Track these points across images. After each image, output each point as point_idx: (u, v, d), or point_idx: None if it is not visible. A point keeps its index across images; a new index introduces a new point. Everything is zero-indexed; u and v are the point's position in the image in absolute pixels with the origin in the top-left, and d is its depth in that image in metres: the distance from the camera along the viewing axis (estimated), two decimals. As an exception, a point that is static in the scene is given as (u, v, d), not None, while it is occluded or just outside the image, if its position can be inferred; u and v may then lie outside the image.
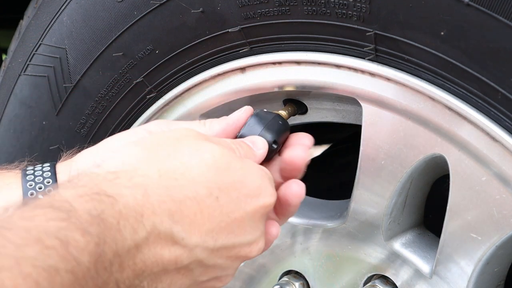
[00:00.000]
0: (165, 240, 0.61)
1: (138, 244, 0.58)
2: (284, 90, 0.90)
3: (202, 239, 0.64)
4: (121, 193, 0.59)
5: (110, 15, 0.97)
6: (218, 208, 0.65)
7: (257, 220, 0.70)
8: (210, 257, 0.66)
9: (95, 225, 0.54)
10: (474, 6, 0.69)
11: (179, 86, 0.97)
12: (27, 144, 1.13)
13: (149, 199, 0.61)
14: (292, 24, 0.83)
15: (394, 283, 0.94)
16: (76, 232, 0.52)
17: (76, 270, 0.51)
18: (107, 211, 0.57)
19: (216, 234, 0.65)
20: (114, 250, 0.55)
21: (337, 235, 0.96)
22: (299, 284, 1.04)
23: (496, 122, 0.73)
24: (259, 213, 0.70)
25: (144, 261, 0.59)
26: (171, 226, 0.61)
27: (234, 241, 0.67)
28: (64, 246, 0.51)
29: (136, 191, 0.60)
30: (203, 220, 0.64)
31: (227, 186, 0.67)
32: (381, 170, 0.85)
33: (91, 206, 0.56)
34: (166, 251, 0.61)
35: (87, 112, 1.06)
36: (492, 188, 0.77)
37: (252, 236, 0.69)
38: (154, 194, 0.61)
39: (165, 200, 0.62)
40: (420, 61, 0.76)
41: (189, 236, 0.63)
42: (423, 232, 0.94)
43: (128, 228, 0.58)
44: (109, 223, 0.56)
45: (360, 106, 0.84)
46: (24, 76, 1.11)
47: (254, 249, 0.70)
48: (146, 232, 0.59)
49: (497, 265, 0.84)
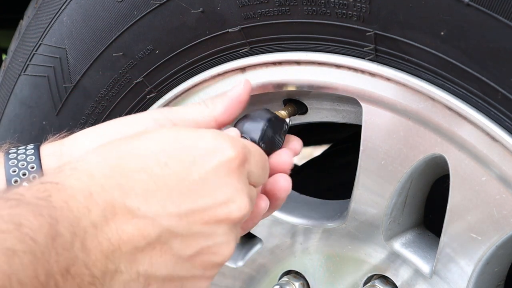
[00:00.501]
0: (122, 214, 0.59)
1: (95, 223, 0.57)
2: (284, 90, 0.90)
3: (161, 206, 0.61)
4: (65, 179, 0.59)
5: (110, 15, 0.97)
6: (171, 174, 0.63)
7: (224, 177, 0.65)
8: (180, 224, 0.62)
9: (44, 208, 0.54)
10: (474, 6, 0.69)
11: (179, 86, 0.97)
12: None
13: (95, 178, 0.60)
14: (292, 24, 0.83)
15: (394, 283, 0.94)
16: (28, 214, 0.53)
17: (34, 250, 0.51)
18: (54, 195, 0.57)
19: (177, 198, 0.62)
20: (71, 231, 0.55)
21: (337, 235, 0.96)
22: (299, 284, 1.04)
23: (496, 122, 0.73)
24: (224, 168, 0.65)
25: (108, 239, 0.58)
26: (123, 199, 0.60)
27: (202, 203, 0.63)
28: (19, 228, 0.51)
29: (80, 175, 0.60)
30: (156, 187, 0.62)
31: (177, 152, 0.64)
32: (381, 170, 0.85)
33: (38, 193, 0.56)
34: (128, 226, 0.59)
35: (87, 112, 1.06)
36: (492, 188, 0.77)
37: (223, 194, 0.64)
38: (99, 173, 0.61)
39: (112, 176, 0.61)
40: (420, 61, 0.76)
41: (145, 205, 0.60)
42: (423, 232, 0.94)
43: (79, 207, 0.57)
44: (58, 205, 0.56)
45: (360, 106, 0.84)
46: (24, 76, 1.11)
47: (233, 208, 0.65)
48: (100, 209, 0.58)
49: (497, 265, 0.84)
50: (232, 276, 1.11)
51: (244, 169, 0.68)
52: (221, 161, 0.65)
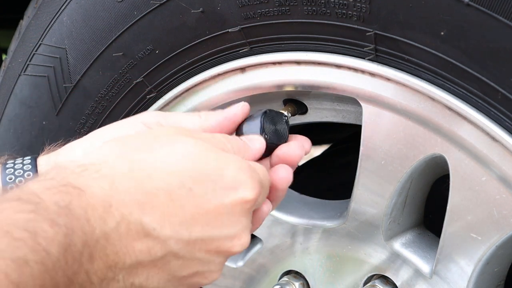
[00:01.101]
0: (135, 231, 0.60)
1: (108, 235, 0.58)
2: (284, 90, 0.90)
3: (175, 231, 0.62)
4: (88, 184, 0.59)
5: (110, 15, 0.97)
6: (191, 199, 0.63)
7: (237, 214, 0.67)
8: (186, 249, 0.64)
9: (63, 216, 0.54)
10: (474, 6, 0.69)
11: (179, 86, 0.97)
12: (27, 144, 1.13)
13: (117, 190, 0.60)
14: (292, 24, 0.83)
15: (394, 283, 0.94)
16: (44, 223, 0.53)
17: (45, 261, 0.51)
18: (75, 202, 0.56)
19: (191, 225, 0.63)
20: (83, 240, 0.55)
21: (337, 235, 0.96)
22: (299, 284, 1.04)
23: (496, 122, 0.73)
24: (238, 207, 0.67)
25: (116, 253, 0.59)
26: (141, 217, 0.60)
27: (211, 234, 0.65)
28: (33, 238, 0.51)
29: (103, 182, 0.60)
30: (175, 211, 0.62)
31: (201, 177, 0.65)
32: (381, 170, 0.85)
33: (58, 197, 0.56)
34: (138, 243, 0.60)
35: (87, 112, 1.06)
36: (492, 188, 0.77)
37: (232, 230, 0.67)
38: (122, 185, 0.61)
39: (134, 191, 0.61)
40: (420, 61, 0.76)
41: (160, 227, 0.61)
42: (423, 232, 0.94)
43: (96, 218, 0.57)
44: (77, 214, 0.56)
45: (360, 106, 0.84)
46: (24, 76, 1.11)
47: (236, 244, 0.68)
48: (116, 222, 0.58)
49: (497, 265, 0.84)
50: (232, 276, 1.11)
51: (254, 207, 0.70)
52: (239, 199, 0.67)
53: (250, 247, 1.08)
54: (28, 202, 0.54)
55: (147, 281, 0.63)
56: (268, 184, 0.74)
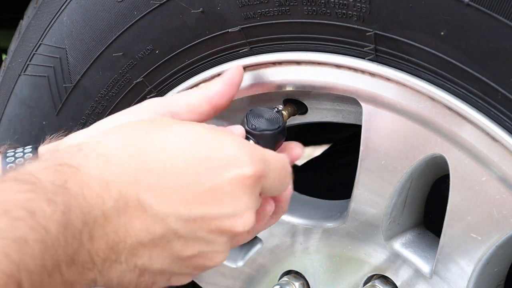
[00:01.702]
0: (134, 209, 0.60)
1: (107, 214, 0.57)
2: (284, 90, 0.90)
3: (174, 208, 0.62)
4: (82, 163, 0.59)
5: (110, 15, 0.97)
6: (189, 177, 0.63)
7: (237, 191, 0.65)
8: (186, 228, 0.63)
9: (59, 195, 0.54)
10: (474, 6, 0.69)
11: (179, 86, 0.97)
12: (27, 144, 1.13)
13: (113, 168, 0.60)
14: (292, 24, 0.83)
15: (394, 283, 0.94)
16: (42, 202, 0.53)
17: (45, 239, 0.51)
18: (71, 181, 0.56)
19: (189, 203, 0.62)
20: (82, 220, 0.55)
21: (337, 235, 0.96)
22: (299, 284, 1.04)
23: (496, 122, 0.73)
24: (238, 183, 0.65)
25: (115, 231, 0.58)
26: (138, 193, 0.60)
27: (212, 212, 0.64)
28: (32, 217, 0.51)
29: (98, 160, 0.60)
30: (172, 188, 0.62)
31: (198, 155, 0.64)
32: (381, 170, 0.85)
33: (54, 177, 0.56)
34: (137, 221, 0.60)
35: (87, 112, 1.06)
36: (492, 188, 0.77)
37: (232, 208, 0.65)
38: (117, 162, 0.60)
39: (130, 168, 0.60)
40: (420, 61, 0.76)
41: (158, 204, 0.61)
42: (423, 232, 0.94)
43: (93, 196, 0.57)
44: (73, 192, 0.55)
45: (360, 106, 0.84)
46: (24, 76, 1.11)
47: (238, 222, 0.66)
48: (113, 200, 0.58)
49: (497, 265, 0.84)
50: (232, 276, 1.11)
51: (258, 186, 0.68)
52: (237, 175, 0.65)
53: (250, 247, 1.08)
54: (25, 182, 0.54)
55: (150, 261, 0.62)
56: (280, 168, 0.72)
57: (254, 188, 0.67)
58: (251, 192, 0.67)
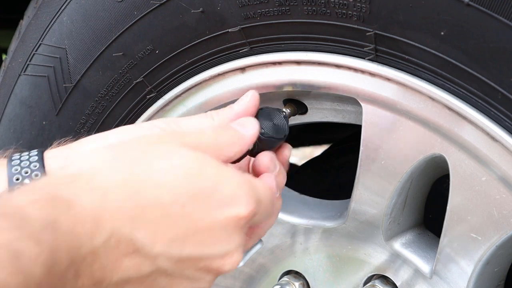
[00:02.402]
0: (125, 246, 0.58)
1: (96, 251, 0.56)
2: (284, 90, 0.90)
3: (166, 248, 0.60)
4: (77, 197, 0.57)
5: (110, 15, 0.97)
6: (184, 216, 0.61)
7: (230, 231, 0.65)
8: (175, 267, 0.62)
9: (48, 233, 0.52)
10: (474, 6, 0.69)
11: (179, 86, 0.97)
12: (27, 144, 1.13)
13: (108, 203, 0.58)
14: (292, 24, 0.83)
15: (394, 283, 0.94)
16: (28, 241, 0.50)
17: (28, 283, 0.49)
18: (62, 216, 0.54)
19: (182, 243, 0.61)
20: (69, 258, 0.53)
21: (337, 235, 0.96)
22: (299, 284, 1.04)
23: (496, 122, 0.73)
24: (232, 223, 0.64)
25: (103, 268, 0.57)
26: (132, 232, 0.58)
27: (203, 252, 0.63)
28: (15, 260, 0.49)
29: (93, 194, 0.58)
30: (167, 227, 0.60)
31: (196, 192, 0.63)
32: (381, 170, 0.85)
33: (44, 212, 0.53)
34: (127, 259, 0.58)
35: (87, 112, 1.06)
36: (492, 188, 0.77)
37: (224, 247, 0.65)
38: (113, 197, 0.58)
39: (126, 205, 0.59)
40: (420, 61, 0.76)
41: (151, 244, 0.59)
42: (423, 232, 0.94)
43: (84, 233, 0.55)
44: (64, 230, 0.53)
45: (360, 106, 0.84)
46: (24, 76, 1.11)
47: (227, 262, 0.65)
48: (105, 237, 0.56)
49: (497, 265, 0.84)
50: (232, 276, 1.11)
51: (249, 224, 0.68)
52: (232, 215, 0.64)
53: (250, 247, 1.08)
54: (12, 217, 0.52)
55: None
56: (269, 203, 0.71)
57: (245, 227, 0.67)
58: (242, 231, 0.67)
